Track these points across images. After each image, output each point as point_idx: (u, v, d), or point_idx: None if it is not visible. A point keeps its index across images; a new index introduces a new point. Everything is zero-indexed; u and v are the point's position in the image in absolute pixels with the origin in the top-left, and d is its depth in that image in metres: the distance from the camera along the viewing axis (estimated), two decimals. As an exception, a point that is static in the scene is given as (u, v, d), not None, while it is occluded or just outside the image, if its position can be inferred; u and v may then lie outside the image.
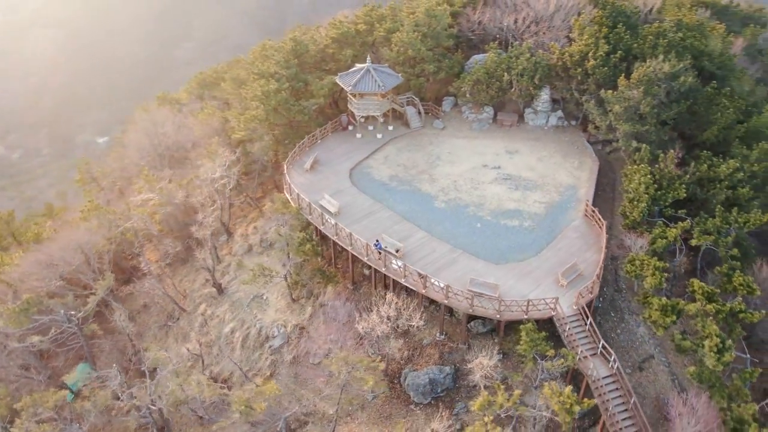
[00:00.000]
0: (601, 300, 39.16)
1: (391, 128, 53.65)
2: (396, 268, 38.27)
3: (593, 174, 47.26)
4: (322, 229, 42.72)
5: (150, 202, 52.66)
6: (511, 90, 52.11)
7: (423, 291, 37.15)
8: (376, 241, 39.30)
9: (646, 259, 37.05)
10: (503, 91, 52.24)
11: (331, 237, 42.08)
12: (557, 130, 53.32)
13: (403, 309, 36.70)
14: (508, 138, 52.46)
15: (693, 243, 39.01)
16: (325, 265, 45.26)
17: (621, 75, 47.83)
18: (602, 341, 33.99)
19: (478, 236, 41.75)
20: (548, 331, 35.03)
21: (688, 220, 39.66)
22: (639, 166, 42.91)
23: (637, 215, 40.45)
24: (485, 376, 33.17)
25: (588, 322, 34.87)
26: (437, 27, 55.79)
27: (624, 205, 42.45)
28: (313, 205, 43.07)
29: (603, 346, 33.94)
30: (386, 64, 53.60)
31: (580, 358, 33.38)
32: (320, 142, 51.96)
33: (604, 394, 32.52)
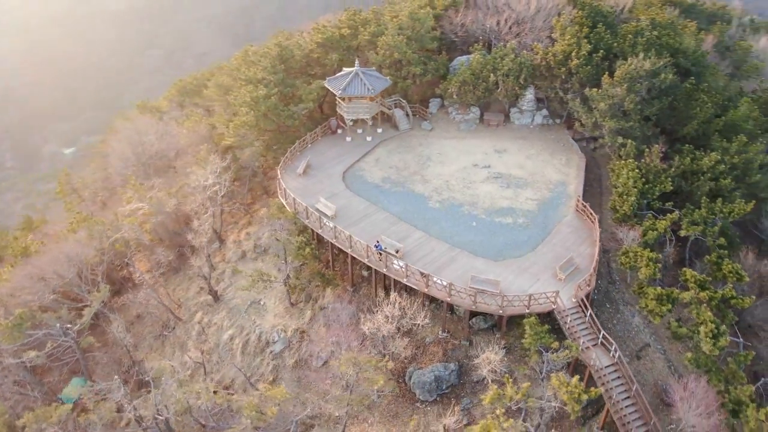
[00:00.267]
0: (596, 292, 40.25)
1: (380, 131, 54.19)
2: (397, 268, 38.76)
3: (581, 170, 48.52)
4: (320, 233, 42.99)
5: (139, 211, 52.20)
6: (498, 90, 53.15)
7: (425, 290, 37.73)
8: (376, 242, 39.73)
9: (639, 251, 38.31)
10: (489, 91, 53.25)
11: (330, 240, 42.36)
12: (543, 129, 54.56)
13: (407, 308, 37.14)
14: (495, 137, 53.47)
15: (682, 234, 40.41)
16: (322, 268, 45.49)
17: (603, 73, 49.32)
18: (603, 332, 35.04)
19: (474, 234, 42.52)
20: (548, 324, 35.92)
21: (676, 212, 41.08)
22: (626, 161, 44.28)
23: (628, 209, 41.73)
24: (492, 371, 33.80)
25: (588, 314, 35.88)
26: (421, 30, 56.56)
27: (613, 199, 43.72)
28: (310, 208, 43.29)
29: (603, 336, 34.99)
30: (373, 68, 54.09)
31: (582, 349, 34.33)
32: (311, 146, 52.19)
33: (608, 382, 33.51)
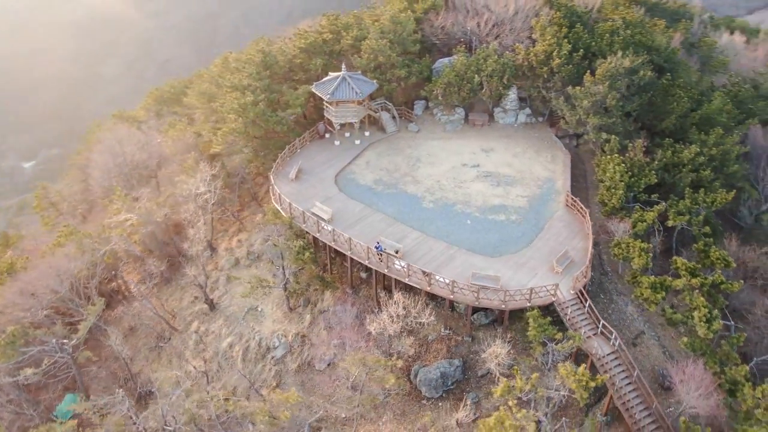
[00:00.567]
0: (590, 284, 41.47)
1: (367, 134, 54.70)
2: (399, 268, 39.33)
3: (567, 166, 49.90)
4: (318, 236, 43.24)
5: (127, 222, 51.55)
6: (482, 91, 54.27)
7: (428, 288, 38.38)
8: (376, 243, 40.22)
9: (631, 242, 39.72)
10: (474, 92, 54.31)
11: (328, 243, 42.68)
12: (526, 127, 55.90)
13: (411, 307, 37.71)
14: (481, 137, 54.55)
15: (669, 224, 42.03)
16: (319, 272, 45.74)
17: (584, 72, 50.90)
18: (602, 321, 36.24)
19: (470, 232, 43.38)
20: (548, 316, 36.91)
21: (663, 204, 42.68)
22: (612, 156, 45.77)
23: (616, 202, 43.20)
24: (498, 364, 34.61)
25: (587, 304, 37.07)
26: (403, 33, 57.34)
27: (602, 193, 45.19)
28: (307, 212, 43.53)
29: (603, 326, 36.19)
30: (358, 72, 54.58)
31: (583, 339, 35.42)
32: (300, 151, 52.38)
33: (610, 370, 34.67)
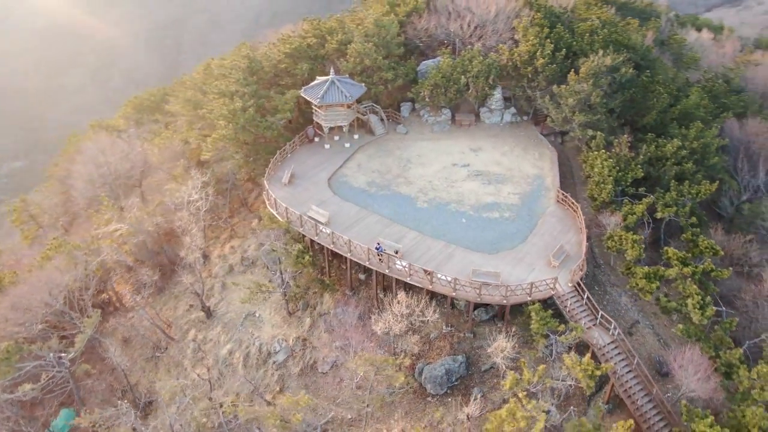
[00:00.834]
0: (584, 276, 42.57)
1: (356, 137, 55.10)
2: (400, 268, 39.81)
3: (554, 163, 51.07)
4: (316, 240, 43.42)
5: (117, 232, 50.95)
6: (468, 91, 55.18)
7: (430, 287, 38.94)
8: (377, 244, 40.63)
9: (623, 234, 40.95)
10: (461, 92, 55.19)
11: (327, 246, 42.92)
12: (512, 126, 57.01)
13: (415, 306, 38.20)
14: (468, 137, 55.44)
15: (658, 215, 43.44)
16: (317, 275, 45.91)
17: (566, 71, 52.24)
18: (601, 312, 37.32)
19: (466, 231, 44.12)
20: (548, 309, 37.84)
21: (651, 196, 44.07)
22: (599, 152, 47.07)
23: (606, 196, 44.50)
24: (505, 358, 35.33)
25: (585, 296, 38.11)
26: (387, 36, 57.95)
27: (591, 188, 46.48)
28: (304, 216, 43.70)
29: (602, 316, 37.27)
30: (346, 75, 54.95)
31: (584, 330, 36.40)
32: (291, 155, 52.48)
33: (611, 359, 35.73)
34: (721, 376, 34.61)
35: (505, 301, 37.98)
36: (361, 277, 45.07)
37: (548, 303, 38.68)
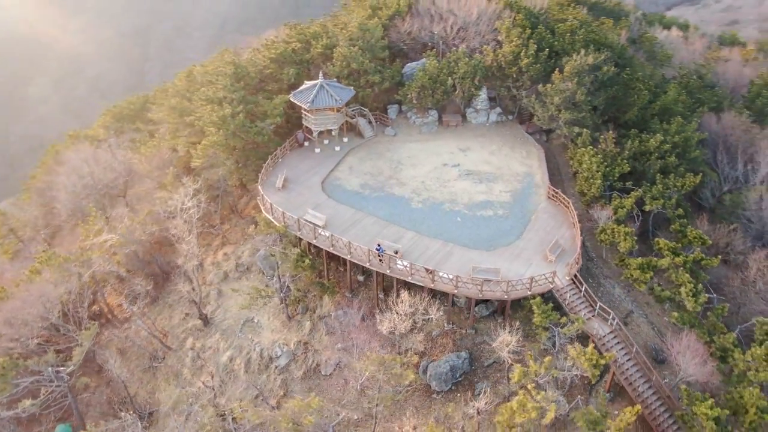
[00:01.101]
0: (579, 270, 43.71)
1: (346, 140, 55.45)
2: (401, 267, 40.29)
3: (542, 161, 52.21)
4: (314, 243, 43.61)
5: (107, 243, 50.26)
6: (455, 92, 56.03)
7: (432, 285, 39.52)
8: (377, 245, 41.03)
9: (615, 228, 42.19)
10: (447, 94, 56.04)
11: (326, 249, 43.14)
12: (498, 126, 58.09)
13: (418, 305, 38.70)
14: (456, 137, 56.30)
15: (646, 208, 44.84)
16: (315, 278, 46.07)
17: (550, 70, 53.52)
18: (599, 303, 38.41)
19: (461, 229, 44.84)
20: (548, 303, 38.76)
21: (639, 190, 45.46)
22: (587, 148, 48.35)
23: (596, 191, 45.75)
24: (510, 351, 36.05)
25: (583, 289, 39.17)
26: (371, 40, 58.49)
27: (580, 183, 47.71)
28: (302, 220, 43.85)
29: (600, 307, 38.37)
30: (334, 79, 55.27)
31: (584, 321, 37.41)
32: (282, 160, 52.55)
33: (611, 348, 36.82)
34: (716, 361, 35.97)
35: (506, 297, 38.77)
36: (360, 278, 45.43)
37: (546, 297, 39.65)
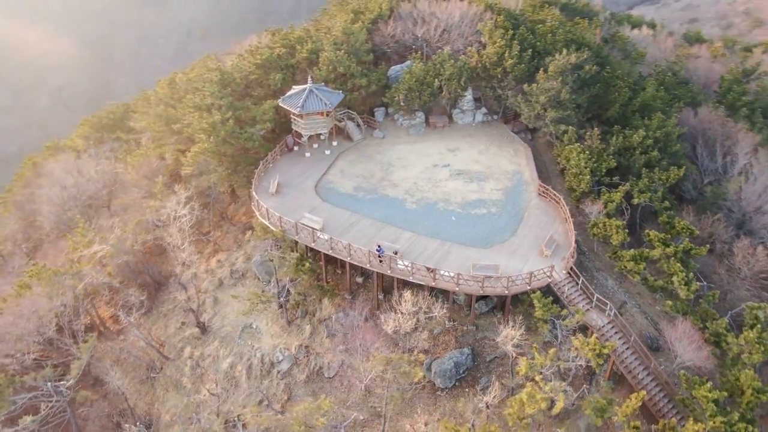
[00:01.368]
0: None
1: (335, 144, 55.72)
2: (402, 267, 40.78)
3: (530, 159, 53.33)
4: (313, 246, 43.79)
5: (98, 254, 49.57)
6: (442, 94, 56.85)
7: (433, 283, 40.11)
8: (377, 246, 41.43)
9: (607, 222, 43.43)
10: (434, 95, 56.82)
11: (325, 252, 43.38)
12: (484, 125, 59.09)
13: (421, 303, 39.23)
14: (444, 138, 57.08)
15: (634, 202, 46.22)
16: (314, 281, 46.22)
17: (533, 70, 54.74)
18: (596, 295, 39.51)
19: (457, 228, 45.54)
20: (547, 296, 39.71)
21: (627, 184, 46.83)
22: (574, 145, 49.60)
23: (585, 186, 46.99)
24: (515, 345, 36.86)
25: (580, 281, 40.24)
26: (356, 44, 58.93)
27: (569, 179, 48.92)
28: (300, 224, 43.99)
29: (597, 299, 39.47)
30: (321, 83, 55.50)
31: (584, 313, 38.45)
32: (273, 165, 52.54)
33: (610, 338, 37.92)
34: (711, 346, 37.34)
35: (507, 292, 39.59)
36: (359, 280, 45.75)
37: (544, 291, 40.53)
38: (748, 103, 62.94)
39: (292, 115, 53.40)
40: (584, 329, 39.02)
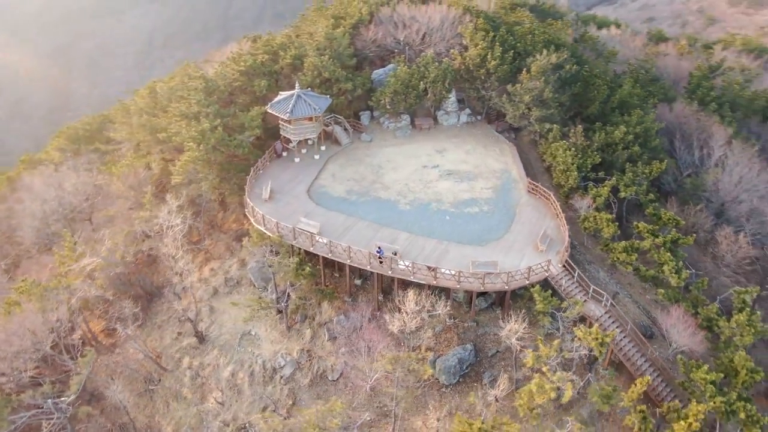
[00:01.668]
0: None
1: (323, 148, 55.98)
2: (403, 267, 41.32)
3: (516, 157, 54.55)
4: (312, 250, 43.96)
5: (88, 267, 48.74)
6: (427, 96, 57.69)
7: (434, 282, 40.77)
8: (377, 248, 41.87)
9: (597, 215, 44.80)
10: (419, 98, 57.62)
11: (324, 255, 43.61)
12: (468, 126, 60.17)
13: (424, 302, 39.79)
14: (431, 139, 57.92)
15: (621, 195, 47.77)
16: (312, 285, 46.35)
17: (515, 71, 56.04)
18: (592, 286, 40.75)
19: (452, 227, 46.31)
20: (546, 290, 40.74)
21: (612, 179, 48.36)
22: (560, 142, 50.98)
23: (573, 182, 48.37)
24: (519, 339, 37.71)
25: (576, 274, 41.43)
26: (339, 48, 59.38)
27: (557, 176, 50.25)
28: (297, 228, 44.12)
29: (593, 290, 40.72)
30: (308, 89, 55.70)
31: (583, 304, 39.61)
32: (263, 172, 52.51)
33: (607, 327, 39.16)
34: (704, 330, 38.89)
35: (507, 287, 40.49)
36: (357, 282, 46.09)
37: (541, 285, 41.57)
38: (716, 98, 65.57)
39: (280, 121, 53.48)
40: (582, 320, 40.20)
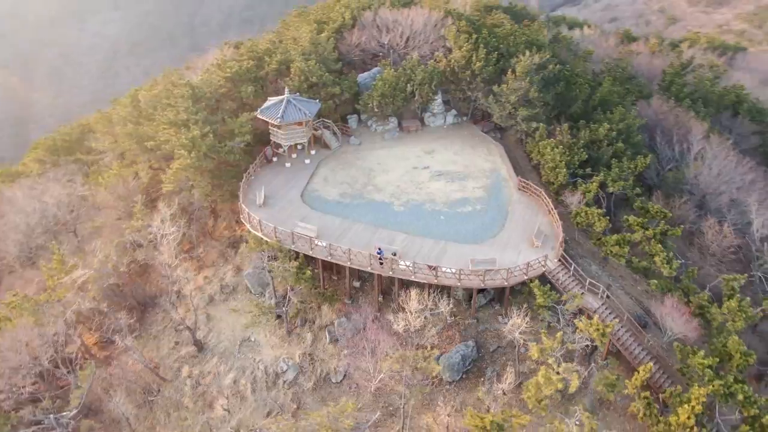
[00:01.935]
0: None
1: (313, 152, 56.16)
2: (404, 267, 41.81)
3: (504, 156, 55.58)
4: (311, 254, 44.13)
5: (80, 279, 47.99)
6: (414, 98, 58.36)
7: (435, 281, 41.36)
8: (378, 249, 42.27)
9: (588, 210, 45.99)
10: (407, 100, 58.27)
11: (324, 258, 43.82)
12: (455, 127, 61.06)
13: (426, 301, 40.32)
14: (419, 141, 58.59)
15: (609, 190, 49.11)
16: (311, 288, 46.46)
17: (500, 72, 57.11)
18: (588, 279, 41.85)
19: (447, 226, 47.03)
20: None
21: (601, 174, 49.67)
22: (548, 140, 52.14)
23: (563, 179, 49.51)
24: (522, 333, 38.51)
25: (572, 268, 42.49)
26: (324, 53, 59.69)
27: (546, 173, 51.36)
28: (296, 232, 44.24)
29: (590, 283, 41.81)
30: (297, 93, 55.79)
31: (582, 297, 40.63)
32: (254, 177, 52.44)
33: (605, 319, 40.26)
34: (697, 317, 40.27)
35: (506, 283, 41.32)
36: (356, 284, 46.39)
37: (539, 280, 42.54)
38: (690, 94, 67.77)
39: (270, 126, 53.49)
40: (579, 313, 41.22)
